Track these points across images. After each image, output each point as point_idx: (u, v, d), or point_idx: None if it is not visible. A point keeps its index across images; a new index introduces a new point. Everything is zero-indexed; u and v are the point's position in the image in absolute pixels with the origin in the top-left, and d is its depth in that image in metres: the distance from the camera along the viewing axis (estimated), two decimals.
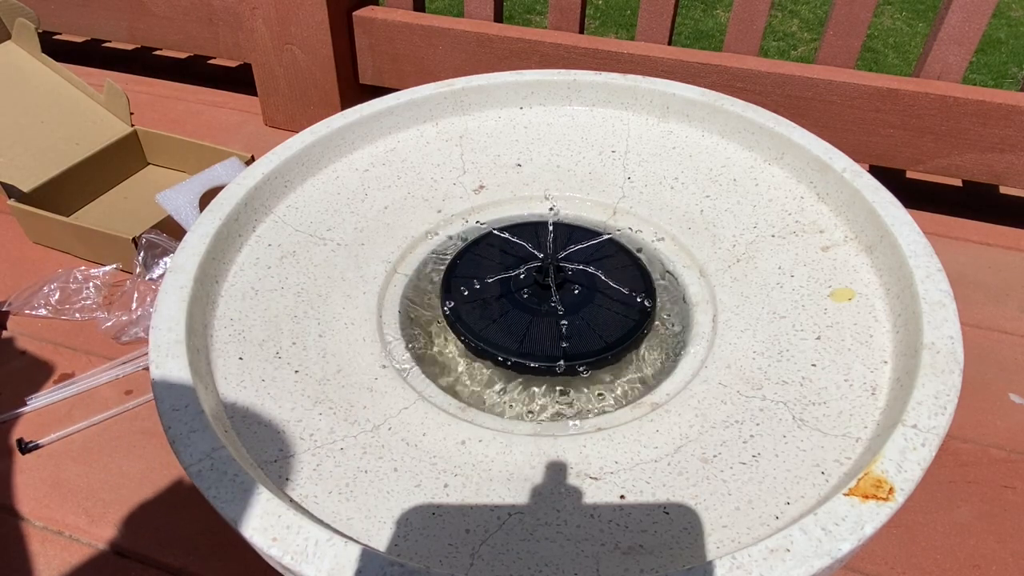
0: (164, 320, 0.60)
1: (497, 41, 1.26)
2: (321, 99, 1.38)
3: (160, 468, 0.83)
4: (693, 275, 0.70)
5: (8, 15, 1.28)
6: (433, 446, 0.56)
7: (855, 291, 0.65)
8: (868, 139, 1.16)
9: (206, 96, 1.55)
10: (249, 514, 0.47)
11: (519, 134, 0.87)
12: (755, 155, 0.81)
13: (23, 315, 1.02)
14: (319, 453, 0.55)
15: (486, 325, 0.67)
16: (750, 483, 0.52)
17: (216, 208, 0.71)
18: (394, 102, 0.85)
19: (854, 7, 1.11)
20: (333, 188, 0.80)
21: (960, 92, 1.09)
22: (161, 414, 0.53)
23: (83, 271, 1.05)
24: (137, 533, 0.77)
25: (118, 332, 0.98)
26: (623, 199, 0.79)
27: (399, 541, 0.49)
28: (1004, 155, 1.12)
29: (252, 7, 1.31)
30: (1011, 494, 0.80)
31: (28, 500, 0.80)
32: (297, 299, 0.68)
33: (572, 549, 0.49)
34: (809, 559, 0.43)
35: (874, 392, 0.57)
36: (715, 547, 0.48)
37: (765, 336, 0.63)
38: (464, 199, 0.80)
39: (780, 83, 1.15)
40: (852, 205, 0.70)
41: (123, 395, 0.91)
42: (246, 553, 0.76)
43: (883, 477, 0.47)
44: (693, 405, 0.58)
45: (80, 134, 1.24)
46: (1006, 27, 2.97)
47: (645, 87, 0.85)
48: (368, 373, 0.62)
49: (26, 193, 1.10)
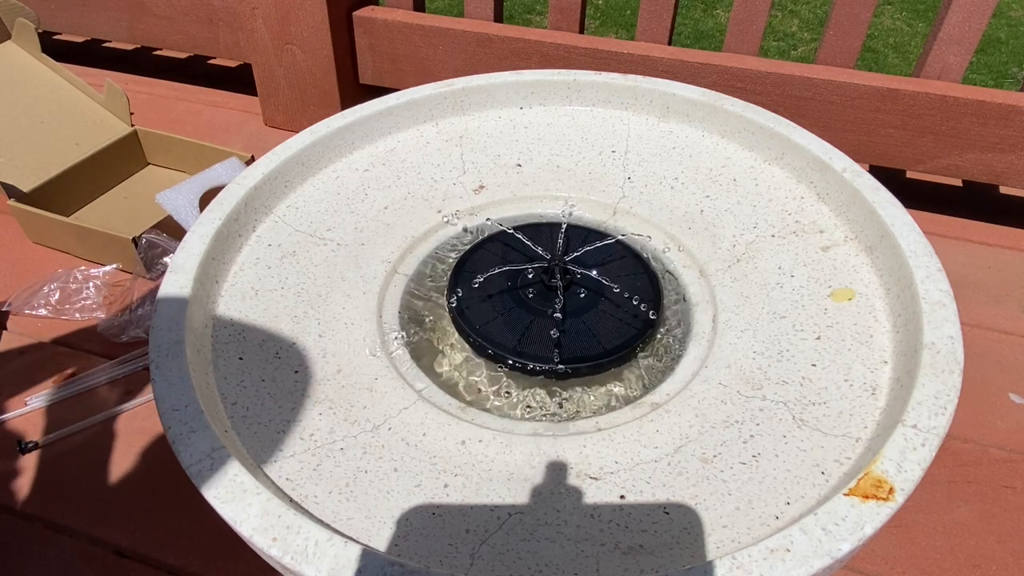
0: (164, 320, 0.60)
1: (497, 41, 1.26)
2: (321, 99, 1.38)
3: (160, 468, 0.83)
4: (693, 275, 0.70)
5: (8, 15, 1.28)
6: (433, 446, 0.56)
7: (855, 291, 0.65)
8: (868, 139, 1.16)
9: (206, 96, 1.55)
10: (249, 514, 0.47)
11: (519, 134, 0.87)
12: (755, 155, 0.81)
13: (23, 315, 1.02)
14: (319, 453, 0.55)
15: (487, 322, 0.67)
16: (750, 483, 0.52)
17: (216, 208, 0.71)
18: (394, 102, 0.85)
19: (854, 7, 1.11)
20: (333, 188, 0.80)
21: (960, 92, 1.09)
22: (161, 414, 0.53)
23: (83, 271, 1.05)
24: (137, 533, 0.77)
25: (118, 332, 0.98)
26: (623, 199, 0.79)
27: (399, 541, 0.49)
28: (1004, 155, 1.12)
29: (252, 7, 1.31)
30: (1011, 494, 0.80)
31: (28, 500, 0.80)
32: (297, 299, 0.68)
33: (572, 549, 0.49)
34: (809, 559, 0.43)
35: (874, 392, 0.57)
36: (715, 547, 0.48)
37: (765, 336, 0.63)
38: (464, 199, 0.80)
39: (780, 83, 1.15)
40: (852, 205, 0.70)
41: (123, 395, 0.91)
42: (246, 553, 0.77)
43: (883, 477, 0.47)
44: (693, 405, 0.58)
45: (80, 134, 1.24)
46: (1006, 27, 2.97)
47: (645, 87, 0.85)
48: (368, 373, 0.62)
49: (26, 193, 1.10)
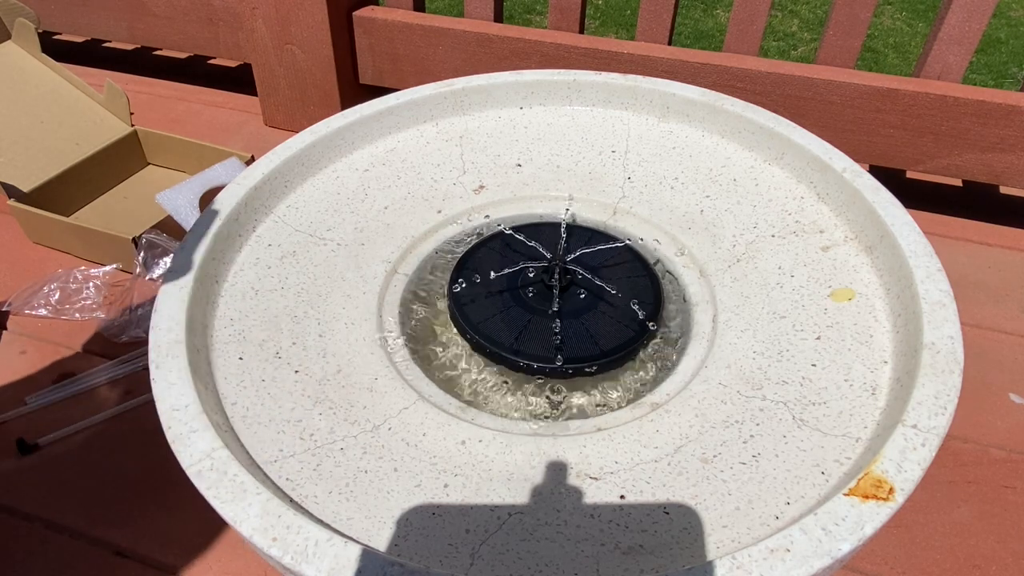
0: (164, 320, 0.60)
1: (497, 41, 1.26)
2: (321, 99, 1.38)
3: (160, 468, 0.83)
4: (693, 275, 0.70)
5: (8, 15, 1.28)
6: (433, 446, 0.56)
7: (855, 291, 0.65)
8: (868, 139, 1.16)
9: (206, 96, 1.55)
10: (249, 514, 0.47)
11: (519, 134, 0.87)
12: (755, 155, 0.81)
13: (23, 315, 1.02)
14: (319, 453, 0.55)
15: (485, 320, 0.67)
16: (750, 483, 0.52)
17: (216, 208, 0.71)
18: (394, 102, 0.85)
19: (854, 7, 1.11)
20: (333, 188, 0.80)
21: (960, 92, 1.09)
22: (161, 414, 0.53)
23: (83, 271, 1.05)
24: (137, 533, 0.77)
25: (118, 332, 0.98)
26: (623, 199, 0.79)
27: (399, 541, 0.49)
28: (1004, 155, 1.12)
29: (252, 7, 1.31)
30: (1011, 494, 0.80)
31: (28, 500, 0.80)
32: (297, 299, 0.68)
33: (572, 549, 0.49)
34: (809, 559, 0.43)
35: (874, 392, 0.57)
36: (715, 547, 0.48)
37: (765, 336, 0.63)
38: (464, 199, 0.80)
39: (780, 83, 1.15)
40: (852, 205, 0.70)
41: (123, 395, 0.91)
42: (246, 553, 0.77)
43: (883, 477, 0.47)
44: (693, 405, 0.58)
45: (80, 134, 1.24)
46: (1006, 27, 2.97)
47: (645, 87, 0.85)
48: (368, 373, 0.62)
49: (26, 193, 1.10)
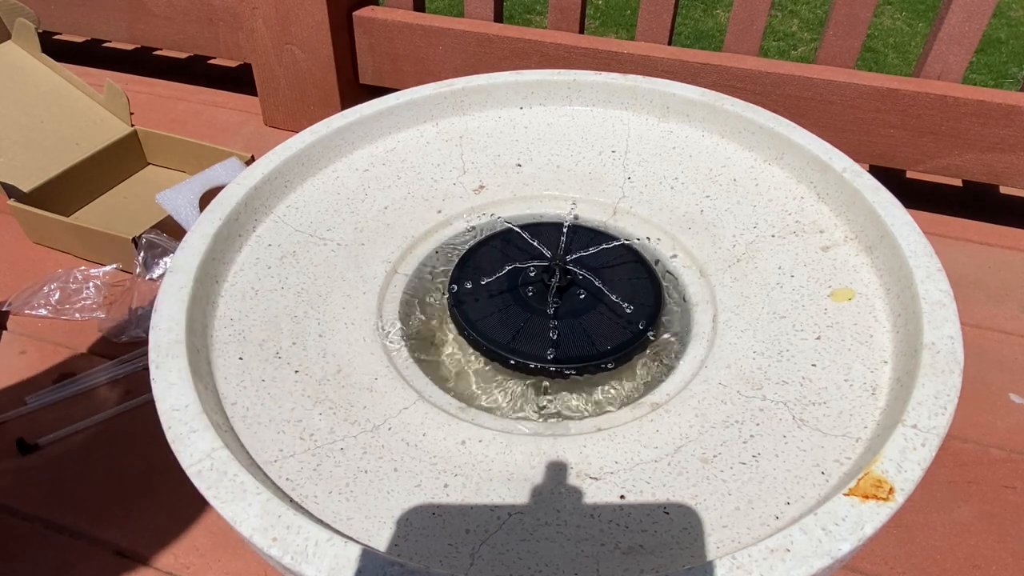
0: (164, 320, 0.60)
1: (497, 41, 1.26)
2: (321, 99, 1.38)
3: (160, 468, 0.83)
4: (693, 275, 0.70)
5: (8, 15, 1.28)
6: (433, 446, 0.56)
7: (855, 291, 0.65)
8: (868, 139, 1.16)
9: (206, 96, 1.55)
10: (249, 514, 0.47)
11: (519, 134, 0.87)
12: (755, 155, 0.81)
13: (23, 315, 1.02)
14: (319, 453, 0.55)
15: (483, 318, 0.67)
16: (750, 483, 0.52)
17: (216, 208, 0.71)
18: (394, 102, 0.85)
19: (854, 7, 1.11)
20: (333, 188, 0.80)
21: (960, 92, 1.09)
22: (161, 414, 0.53)
23: (83, 271, 1.05)
24: (137, 533, 0.77)
25: (118, 332, 0.98)
26: (623, 199, 0.79)
27: (399, 541, 0.49)
28: (1004, 155, 1.12)
29: (252, 7, 1.31)
30: (1011, 494, 0.80)
31: (28, 500, 0.81)
32: (297, 299, 0.68)
33: (572, 549, 0.49)
34: (809, 559, 0.43)
35: (874, 392, 0.57)
36: (715, 547, 0.48)
37: (765, 336, 0.63)
38: (464, 199, 0.80)
39: (780, 83, 1.15)
40: (852, 205, 0.70)
41: (123, 395, 0.91)
42: (246, 553, 0.77)
43: (883, 477, 0.47)
44: (693, 405, 0.58)
45: (80, 134, 1.24)
46: (1006, 27, 2.97)
47: (645, 87, 0.85)
48: (368, 373, 0.62)
49: (26, 193, 1.10)
